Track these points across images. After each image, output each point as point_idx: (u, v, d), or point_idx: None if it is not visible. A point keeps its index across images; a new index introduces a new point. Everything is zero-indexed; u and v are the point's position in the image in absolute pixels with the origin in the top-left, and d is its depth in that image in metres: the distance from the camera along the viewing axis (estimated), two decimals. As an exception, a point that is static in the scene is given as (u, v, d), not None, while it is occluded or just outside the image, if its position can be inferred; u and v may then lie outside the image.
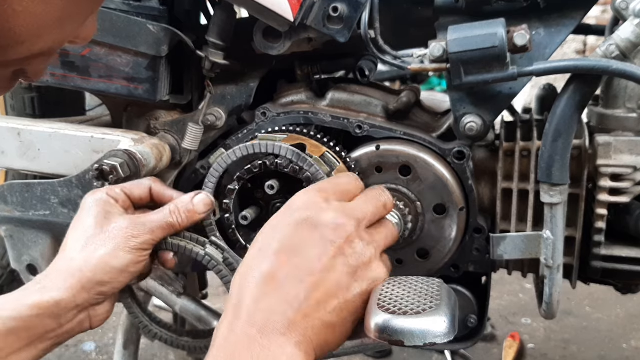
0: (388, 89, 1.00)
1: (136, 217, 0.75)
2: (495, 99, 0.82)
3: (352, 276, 0.59)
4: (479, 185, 0.91)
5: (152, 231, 0.74)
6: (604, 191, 0.83)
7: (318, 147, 0.84)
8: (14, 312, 0.67)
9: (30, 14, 0.41)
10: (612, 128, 0.86)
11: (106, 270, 0.71)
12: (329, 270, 0.58)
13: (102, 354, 1.80)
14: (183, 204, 0.77)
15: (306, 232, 0.60)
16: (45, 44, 0.44)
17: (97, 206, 0.75)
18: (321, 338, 0.57)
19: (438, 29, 0.83)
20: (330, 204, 0.62)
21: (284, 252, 0.59)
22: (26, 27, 0.41)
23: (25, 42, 0.42)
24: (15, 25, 0.40)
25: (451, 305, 0.58)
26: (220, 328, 0.57)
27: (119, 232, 0.73)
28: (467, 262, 0.92)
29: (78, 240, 0.73)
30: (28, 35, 0.42)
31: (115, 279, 0.72)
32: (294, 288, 0.57)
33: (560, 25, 0.80)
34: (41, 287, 0.69)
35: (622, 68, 0.72)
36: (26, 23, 0.41)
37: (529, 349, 1.80)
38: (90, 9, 0.47)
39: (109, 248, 0.71)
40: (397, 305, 0.57)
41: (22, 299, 0.68)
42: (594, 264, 0.87)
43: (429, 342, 0.55)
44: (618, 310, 1.99)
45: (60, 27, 0.44)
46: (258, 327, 0.54)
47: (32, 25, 0.41)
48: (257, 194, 0.87)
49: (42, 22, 0.42)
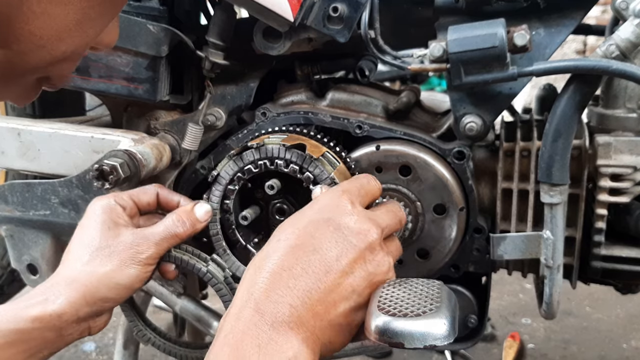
0: (388, 89, 1.00)
1: (140, 230, 0.74)
2: (495, 99, 0.82)
3: (369, 282, 0.59)
4: (479, 185, 0.91)
5: (157, 244, 0.73)
6: (604, 191, 0.83)
7: (318, 147, 0.84)
8: (15, 324, 0.66)
9: (50, 16, 0.40)
10: (612, 128, 0.86)
11: (110, 287, 0.70)
12: (347, 272, 0.58)
13: (102, 354, 1.80)
14: (185, 213, 0.76)
15: (329, 231, 0.59)
16: (67, 48, 0.44)
17: (104, 214, 0.74)
18: (327, 338, 0.56)
19: (438, 29, 0.83)
20: (355, 207, 0.62)
21: (303, 247, 0.58)
22: (46, 30, 0.41)
23: (45, 46, 0.42)
24: (35, 27, 0.40)
25: (451, 307, 0.58)
26: (227, 315, 0.56)
27: (124, 248, 0.71)
28: (467, 262, 0.92)
29: (83, 251, 0.72)
30: (48, 38, 0.42)
31: (119, 295, 0.71)
32: (307, 284, 0.56)
33: (560, 26, 0.80)
34: (44, 299, 0.68)
35: (622, 68, 0.72)
36: (46, 25, 0.41)
37: (529, 349, 1.80)
38: (111, 12, 0.47)
39: (114, 264, 0.70)
40: (398, 307, 0.57)
41: (24, 310, 0.67)
42: (594, 264, 0.87)
43: (429, 344, 0.55)
44: (618, 310, 1.99)
45: (81, 31, 0.44)
46: (267, 318, 0.53)
47: (51, 28, 0.41)
48: (257, 194, 0.87)
49: (62, 25, 0.42)
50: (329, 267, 0.57)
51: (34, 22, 0.40)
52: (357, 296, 0.58)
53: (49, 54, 0.43)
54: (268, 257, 0.58)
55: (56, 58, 0.44)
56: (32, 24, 0.40)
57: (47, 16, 0.40)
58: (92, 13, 0.43)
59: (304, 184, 0.80)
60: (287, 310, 0.54)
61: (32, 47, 0.42)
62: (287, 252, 0.58)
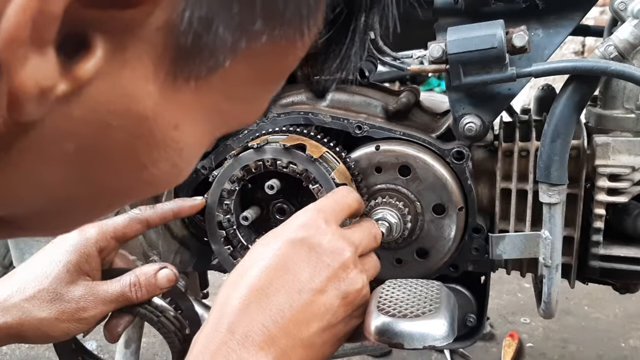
0: (388, 90, 1.00)
1: (94, 285, 0.69)
2: (494, 100, 0.82)
3: (342, 301, 0.59)
4: (478, 185, 0.91)
5: (106, 304, 0.69)
6: (602, 191, 0.83)
7: (318, 148, 0.84)
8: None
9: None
10: (611, 128, 0.86)
11: (37, 333, 0.67)
12: (320, 292, 0.58)
13: (103, 352, 1.80)
14: (145, 277, 0.71)
15: (302, 252, 0.59)
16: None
17: (73, 253, 0.70)
18: (298, 356, 0.56)
19: (437, 30, 0.84)
20: (329, 226, 0.62)
21: (276, 267, 0.58)
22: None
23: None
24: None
25: (450, 307, 0.58)
26: (200, 335, 0.56)
27: (70, 299, 0.67)
28: (466, 262, 0.92)
29: (31, 284, 0.67)
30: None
31: (42, 341, 0.69)
32: (280, 303, 0.56)
33: (558, 27, 0.80)
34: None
35: (621, 69, 0.72)
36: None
37: (527, 348, 1.80)
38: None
39: (52, 314, 0.66)
40: (397, 308, 0.58)
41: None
42: (592, 263, 0.87)
43: (428, 345, 0.56)
44: (616, 309, 2.00)
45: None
46: (238, 339, 0.54)
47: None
48: (257, 194, 0.88)
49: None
50: (302, 286, 0.57)
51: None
52: (331, 315, 0.58)
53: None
54: (242, 275, 0.59)
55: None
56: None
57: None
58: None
59: (304, 184, 0.81)
60: (259, 330, 0.54)
61: None
62: (261, 271, 0.58)
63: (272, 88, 0.38)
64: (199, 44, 0.27)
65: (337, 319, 0.59)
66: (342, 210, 0.66)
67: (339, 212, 0.65)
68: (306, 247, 0.60)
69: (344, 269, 0.60)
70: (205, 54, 0.28)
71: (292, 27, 0.30)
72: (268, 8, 0.28)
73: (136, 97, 0.28)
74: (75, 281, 0.68)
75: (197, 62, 0.28)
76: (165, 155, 0.31)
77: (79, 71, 0.25)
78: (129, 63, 0.27)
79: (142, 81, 0.27)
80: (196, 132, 0.32)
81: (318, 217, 0.62)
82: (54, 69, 0.24)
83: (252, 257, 0.61)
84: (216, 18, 0.27)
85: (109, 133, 0.28)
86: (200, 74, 0.29)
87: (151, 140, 0.29)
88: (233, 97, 0.33)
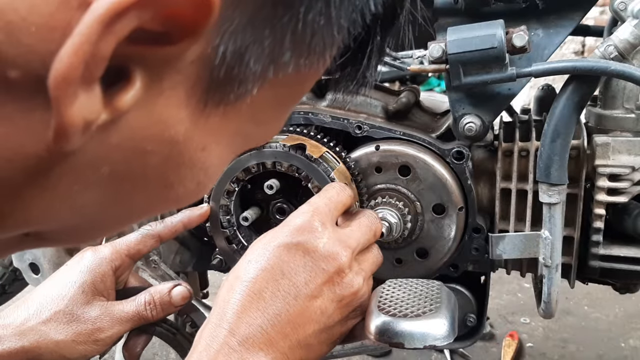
0: (387, 90, 1.00)
1: (110, 305, 0.70)
2: (494, 100, 0.82)
3: (337, 304, 0.60)
4: (478, 185, 0.91)
5: (122, 324, 0.70)
6: (602, 191, 0.83)
7: (318, 147, 0.84)
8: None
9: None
10: (610, 128, 0.86)
11: (54, 358, 0.66)
12: (315, 296, 0.59)
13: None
14: (159, 295, 0.72)
15: (298, 256, 0.60)
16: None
17: (88, 273, 0.70)
18: (297, 357, 0.58)
19: (437, 30, 0.84)
20: (325, 228, 0.62)
21: (272, 271, 0.59)
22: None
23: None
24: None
25: (451, 307, 0.58)
26: (202, 333, 0.57)
27: (86, 320, 0.67)
28: (466, 262, 0.92)
29: (47, 306, 0.67)
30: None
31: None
32: (277, 307, 0.57)
33: (558, 27, 0.80)
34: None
35: (621, 69, 0.72)
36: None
37: (527, 348, 1.80)
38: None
39: (69, 336, 0.66)
40: (397, 308, 0.58)
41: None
42: (592, 263, 0.87)
43: (428, 345, 0.56)
44: (616, 309, 2.00)
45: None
46: (239, 339, 0.55)
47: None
48: (257, 194, 0.88)
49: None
50: (297, 291, 0.58)
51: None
52: (327, 318, 0.59)
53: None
54: (239, 278, 0.60)
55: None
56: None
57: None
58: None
59: (303, 183, 0.81)
60: (257, 332, 0.56)
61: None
62: (257, 275, 0.59)
63: (291, 109, 0.40)
64: (230, 75, 0.29)
65: (333, 321, 0.60)
66: (337, 208, 0.66)
67: (334, 210, 0.65)
68: (301, 252, 0.60)
69: (339, 273, 0.60)
70: (236, 84, 0.30)
71: (317, 56, 0.32)
72: (296, 41, 0.30)
73: (169, 124, 0.29)
74: (91, 302, 0.69)
75: (227, 91, 0.30)
76: (192, 175, 0.33)
77: (119, 102, 0.26)
78: (164, 93, 0.28)
79: (175, 108, 0.29)
80: (221, 153, 0.34)
81: (313, 220, 0.62)
82: (99, 103, 0.25)
83: (249, 258, 0.61)
84: (248, 52, 0.28)
85: (142, 157, 0.29)
86: (229, 101, 0.31)
87: (180, 162, 0.31)
88: (257, 121, 0.35)
